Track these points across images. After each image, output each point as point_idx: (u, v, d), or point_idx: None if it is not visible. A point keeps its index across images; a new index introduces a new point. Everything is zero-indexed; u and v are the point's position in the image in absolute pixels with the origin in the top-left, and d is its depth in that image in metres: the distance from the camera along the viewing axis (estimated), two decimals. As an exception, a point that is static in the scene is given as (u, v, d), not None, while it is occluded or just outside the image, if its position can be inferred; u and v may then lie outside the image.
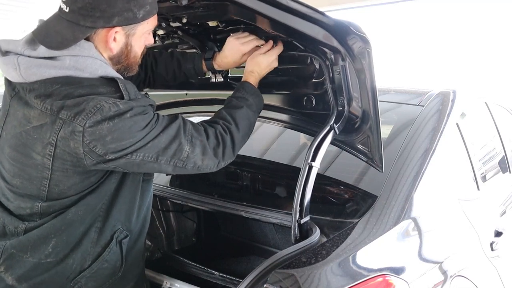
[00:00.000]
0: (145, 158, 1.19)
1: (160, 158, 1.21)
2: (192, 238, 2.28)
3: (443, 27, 9.63)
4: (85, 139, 1.12)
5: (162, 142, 1.20)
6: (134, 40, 1.26)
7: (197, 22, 1.60)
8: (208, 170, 1.31)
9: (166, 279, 1.60)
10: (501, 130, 2.60)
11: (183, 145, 1.23)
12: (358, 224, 1.43)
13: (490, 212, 2.07)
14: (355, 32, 1.28)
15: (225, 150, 1.31)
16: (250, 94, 1.45)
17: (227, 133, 1.33)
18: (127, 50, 1.27)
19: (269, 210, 1.63)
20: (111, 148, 1.14)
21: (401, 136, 1.76)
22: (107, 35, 1.21)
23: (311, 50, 1.50)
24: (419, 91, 2.09)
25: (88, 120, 1.11)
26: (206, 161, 1.28)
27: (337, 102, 1.51)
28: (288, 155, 2.26)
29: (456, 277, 1.53)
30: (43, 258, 1.24)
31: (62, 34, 1.16)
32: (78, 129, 1.12)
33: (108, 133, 1.13)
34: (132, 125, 1.15)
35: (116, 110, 1.13)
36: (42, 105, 1.16)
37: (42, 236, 1.24)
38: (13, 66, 1.17)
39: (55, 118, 1.15)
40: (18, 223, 1.26)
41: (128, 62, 1.30)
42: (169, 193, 1.89)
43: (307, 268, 1.22)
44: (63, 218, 1.23)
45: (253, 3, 1.25)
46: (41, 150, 1.18)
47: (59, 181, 1.21)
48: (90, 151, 1.14)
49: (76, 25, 1.16)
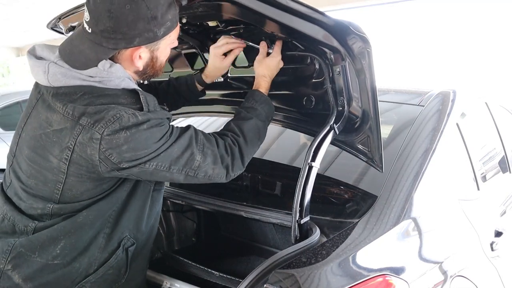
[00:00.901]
0: (158, 167, 1.22)
1: (173, 168, 1.24)
2: (192, 238, 2.27)
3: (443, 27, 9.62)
4: (102, 146, 1.15)
5: (175, 152, 1.23)
6: (159, 53, 1.29)
7: (197, 22, 1.60)
8: (219, 180, 1.34)
9: (166, 279, 1.60)
10: (501, 130, 2.60)
11: (195, 154, 1.26)
12: (358, 224, 1.43)
13: (490, 212, 2.07)
14: (355, 32, 1.28)
15: (234, 162, 1.34)
16: (259, 103, 1.46)
17: (236, 145, 1.36)
18: (153, 63, 1.30)
19: (269, 210, 1.63)
20: (126, 157, 1.17)
21: (401, 136, 1.76)
22: (132, 54, 1.24)
23: (311, 50, 1.50)
24: (419, 91, 2.09)
25: (107, 128, 1.14)
26: (216, 170, 1.30)
27: (337, 102, 1.51)
28: (288, 155, 2.26)
29: (456, 277, 1.53)
30: (50, 259, 1.25)
31: (85, 55, 1.19)
32: (96, 136, 1.14)
33: (125, 142, 1.15)
34: (148, 136, 1.18)
35: (134, 121, 1.16)
36: (64, 110, 1.19)
37: (52, 237, 1.25)
38: (43, 70, 1.21)
39: (75, 123, 1.17)
40: (28, 222, 1.27)
41: (154, 71, 1.34)
42: (169, 193, 1.89)
43: (307, 268, 1.22)
44: (73, 221, 1.25)
45: (252, 3, 1.25)
46: (58, 153, 1.20)
47: (72, 186, 1.23)
48: (105, 158, 1.16)
49: (99, 46, 1.18)
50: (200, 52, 1.80)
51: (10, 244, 1.27)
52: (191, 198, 1.81)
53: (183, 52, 1.89)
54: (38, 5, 7.81)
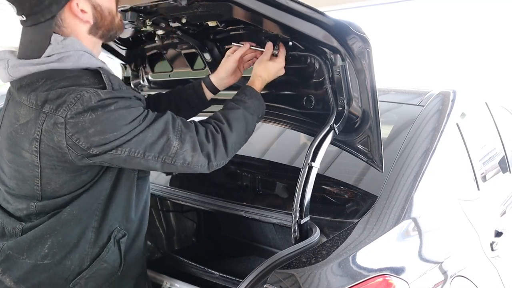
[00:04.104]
0: (131, 153, 1.16)
1: (148, 154, 1.18)
2: (192, 238, 2.28)
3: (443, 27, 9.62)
4: (68, 131, 1.11)
5: (148, 137, 1.17)
6: None
7: (196, 22, 1.60)
8: (200, 169, 1.27)
9: (166, 279, 1.60)
10: (501, 130, 2.60)
11: (171, 140, 1.20)
12: (358, 224, 1.43)
13: (490, 212, 2.07)
14: (355, 32, 1.28)
15: (216, 149, 1.27)
16: (249, 97, 1.42)
17: (218, 132, 1.30)
18: (100, 12, 1.24)
19: (269, 210, 1.63)
20: (95, 142, 1.12)
21: (401, 136, 1.76)
22: (72, 12, 1.20)
23: (311, 50, 1.50)
24: (419, 91, 2.09)
25: (69, 111, 1.10)
26: (196, 157, 1.24)
27: (337, 102, 1.51)
28: (288, 155, 2.26)
29: (456, 277, 1.53)
30: (39, 259, 1.24)
31: (35, 41, 1.18)
32: (60, 121, 1.11)
33: (91, 125, 1.11)
34: (116, 117, 1.13)
35: (98, 100, 1.12)
36: (28, 100, 1.16)
37: (38, 236, 1.23)
38: (3, 66, 1.20)
39: (39, 112, 1.14)
40: (15, 224, 1.26)
41: (106, 22, 1.27)
42: (169, 193, 1.89)
43: (307, 268, 1.21)
44: (58, 218, 1.23)
45: (252, 3, 1.25)
46: (28, 147, 1.17)
47: (50, 179, 1.20)
48: (73, 144, 1.13)
49: (39, 24, 1.17)
50: (200, 52, 1.80)
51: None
52: (191, 198, 1.81)
53: (183, 52, 1.90)
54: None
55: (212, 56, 1.79)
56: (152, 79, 2.14)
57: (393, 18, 9.04)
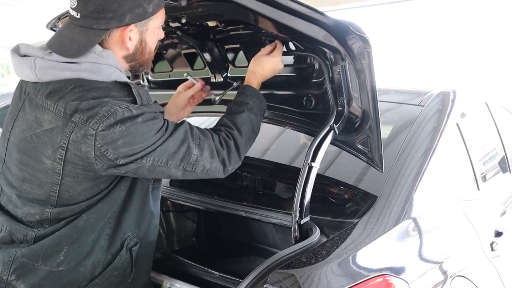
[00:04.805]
0: (155, 162, 1.20)
1: (170, 162, 1.22)
2: (192, 238, 2.27)
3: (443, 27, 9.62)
4: (97, 142, 1.13)
5: (171, 146, 1.21)
6: (147, 36, 1.28)
7: (196, 22, 1.60)
8: (217, 175, 1.32)
9: (166, 279, 1.60)
10: (501, 130, 2.60)
11: (192, 148, 1.24)
12: (358, 224, 1.43)
13: (490, 212, 2.07)
14: (355, 32, 1.28)
15: (230, 155, 1.32)
16: (250, 97, 1.44)
17: (230, 138, 1.34)
18: (142, 47, 1.29)
19: (269, 210, 1.63)
20: (122, 153, 1.15)
21: (401, 136, 1.76)
22: (122, 35, 1.23)
23: (311, 50, 1.50)
24: (419, 91, 2.09)
25: (101, 124, 1.12)
26: (214, 164, 1.28)
27: (337, 102, 1.51)
28: (288, 155, 2.26)
29: (456, 277, 1.53)
30: (55, 266, 1.24)
31: (77, 41, 1.18)
32: (90, 133, 1.13)
33: (120, 137, 1.13)
34: (144, 130, 1.16)
35: (129, 115, 1.14)
36: (55, 107, 1.16)
37: (54, 244, 1.23)
38: (29, 65, 1.18)
39: (67, 121, 1.15)
40: (27, 231, 1.25)
41: (143, 58, 1.32)
42: (169, 193, 1.89)
43: (307, 268, 1.22)
44: (75, 226, 1.23)
45: (252, 3, 1.25)
46: (51, 154, 1.18)
47: (69, 187, 1.21)
48: (101, 155, 1.14)
49: (90, 29, 1.17)
50: (200, 52, 1.80)
51: (12, 254, 1.24)
52: (191, 198, 1.81)
53: (183, 52, 1.90)
54: (38, 5, 7.81)
55: (212, 56, 1.80)
56: (152, 79, 2.14)
57: (393, 18, 9.04)
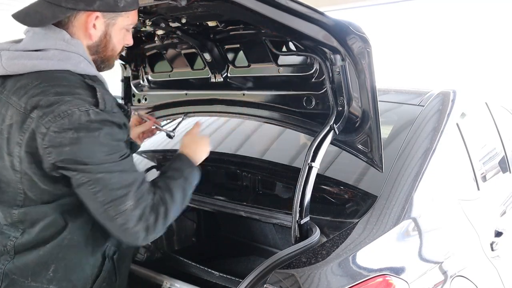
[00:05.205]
0: (87, 183, 1.09)
1: (99, 195, 1.10)
2: (192, 238, 2.27)
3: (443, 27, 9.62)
4: (44, 142, 1.08)
5: (112, 182, 1.10)
6: (113, 31, 1.24)
7: (196, 22, 1.60)
8: (133, 240, 1.17)
9: (166, 279, 1.60)
10: (501, 130, 2.60)
11: (128, 198, 1.11)
12: (358, 224, 1.43)
13: (490, 212, 2.07)
14: (355, 32, 1.28)
15: (157, 222, 1.18)
16: (186, 166, 1.35)
17: (163, 203, 1.21)
18: (106, 40, 1.25)
19: (269, 210, 1.63)
20: (65, 160, 1.08)
21: (401, 136, 1.76)
22: (87, 20, 1.19)
23: (311, 50, 1.50)
24: (419, 91, 2.09)
25: (55, 123, 1.06)
26: (137, 227, 1.14)
27: (337, 102, 1.51)
28: (288, 155, 2.26)
29: (456, 277, 1.53)
30: (45, 283, 1.21)
31: (41, 13, 1.16)
32: (41, 130, 1.08)
33: (69, 144, 1.07)
34: (96, 147, 1.09)
35: (86, 121, 1.07)
36: (17, 103, 1.13)
37: (41, 262, 1.21)
38: None
39: (26, 116, 1.11)
40: (6, 241, 1.22)
41: (105, 53, 1.27)
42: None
43: (307, 268, 1.22)
44: (59, 245, 1.20)
45: (252, 3, 1.25)
46: (11, 150, 1.14)
47: (30, 186, 1.16)
48: (44, 155, 1.09)
49: (57, 6, 1.15)
50: (200, 52, 1.80)
51: (0, 269, 1.21)
52: (191, 198, 1.81)
53: (183, 52, 1.90)
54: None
55: (212, 56, 1.79)
56: (152, 79, 2.14)
57: (393, 18, 9.04)
